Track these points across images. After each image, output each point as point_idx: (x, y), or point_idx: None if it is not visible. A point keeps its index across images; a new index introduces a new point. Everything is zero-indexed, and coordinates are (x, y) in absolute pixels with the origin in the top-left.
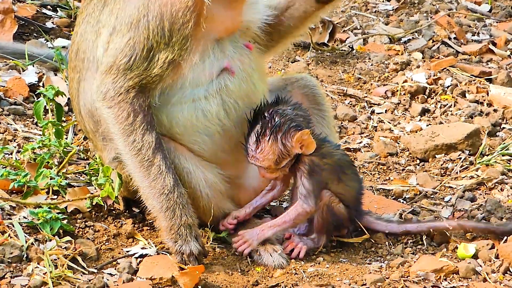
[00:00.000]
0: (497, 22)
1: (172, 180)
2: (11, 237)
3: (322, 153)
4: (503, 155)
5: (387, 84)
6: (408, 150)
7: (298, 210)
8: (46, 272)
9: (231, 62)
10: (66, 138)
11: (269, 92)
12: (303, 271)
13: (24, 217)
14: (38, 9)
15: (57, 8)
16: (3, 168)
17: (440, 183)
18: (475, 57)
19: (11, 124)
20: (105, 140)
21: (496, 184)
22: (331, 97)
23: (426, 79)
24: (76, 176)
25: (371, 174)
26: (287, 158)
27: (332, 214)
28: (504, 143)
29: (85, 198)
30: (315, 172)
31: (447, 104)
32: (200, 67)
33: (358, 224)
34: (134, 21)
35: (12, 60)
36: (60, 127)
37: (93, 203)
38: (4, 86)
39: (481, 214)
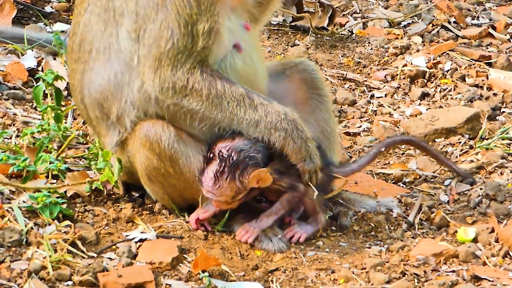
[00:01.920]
0: (496, 6)
1: (279, 106)
2: (10, 222)
3: (278, 165)
4: (502, 139)
5: (386, 68)
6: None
7: (288, 198)
8: (45, 256)
9: (239, 39)
10: (65, 123)
11: (268, 76)
12: (303, 255)
13: (24, 202)
14: None
15: None
16: (2, 152)
17: (440, 167)
18: (475, 41)
19: (10, 109)
20: (113, 124)
21: (496, 168)
22: (331, 81)
23: (426, 63)
24: (76, 161)
25: None
26: (243, 192)
27: (316, 186)
28: (503, 127)
29: (85, 183)
30: (282, 174)
31: (447, 88)
32: (228, 32)
33: (333, 176)
34: (160, 1)
35: (11, 44)
36: (59, 111)
37: (93, 188)
38: (3, 71)
39: (480, 197)
